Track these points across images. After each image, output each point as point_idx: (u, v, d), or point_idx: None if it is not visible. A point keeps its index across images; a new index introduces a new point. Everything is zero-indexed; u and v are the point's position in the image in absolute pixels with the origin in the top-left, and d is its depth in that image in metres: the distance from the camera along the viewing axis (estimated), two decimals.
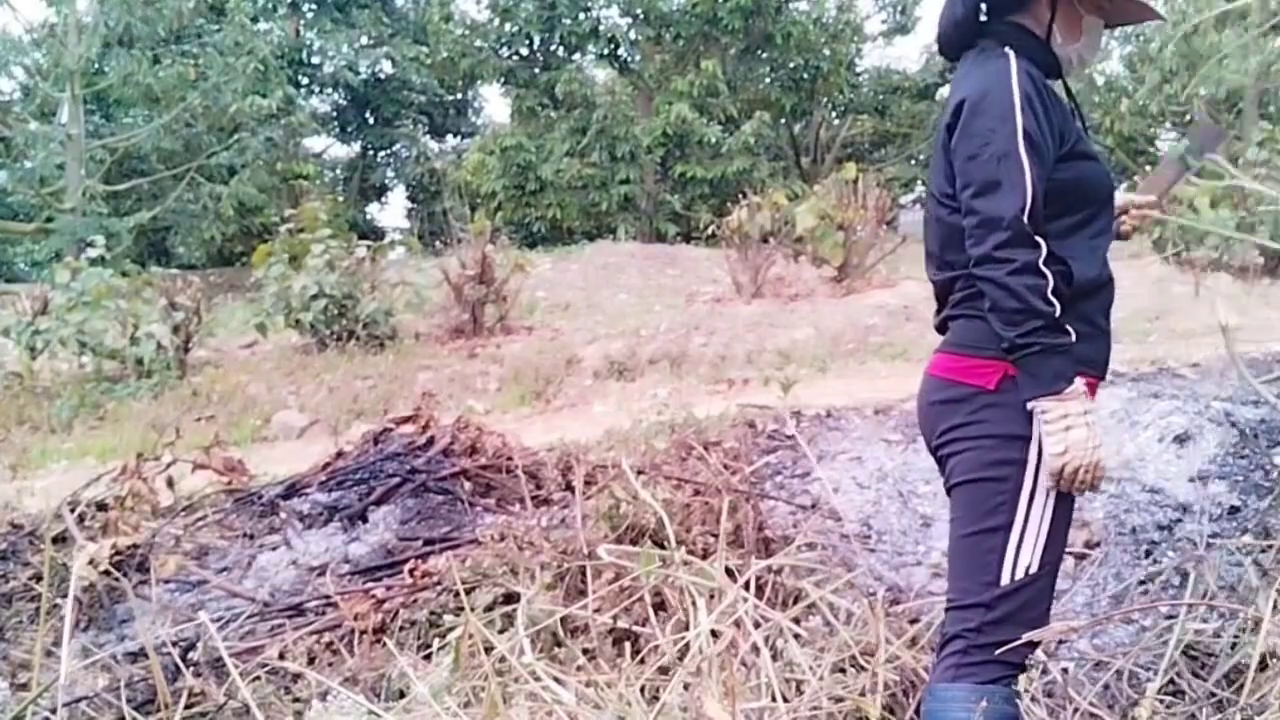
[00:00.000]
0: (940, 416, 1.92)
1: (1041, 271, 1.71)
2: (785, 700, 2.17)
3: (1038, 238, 1.72)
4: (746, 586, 2.61)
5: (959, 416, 1.88)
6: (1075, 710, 2.41)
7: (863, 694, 2.27)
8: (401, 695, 2.51)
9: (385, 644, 2.73)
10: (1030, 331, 1.71)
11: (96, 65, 19.21)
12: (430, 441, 4.34)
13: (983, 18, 1.93)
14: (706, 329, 9.34)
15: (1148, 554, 3.25)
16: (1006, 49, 1.83)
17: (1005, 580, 1.79)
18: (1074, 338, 1.74)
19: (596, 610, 2.59)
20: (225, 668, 2.45)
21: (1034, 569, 1.80)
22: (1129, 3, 1.92)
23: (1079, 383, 1.74)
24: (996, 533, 1.81)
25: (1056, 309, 1.71)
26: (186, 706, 2.45)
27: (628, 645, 2.43)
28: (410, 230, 23.95)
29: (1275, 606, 2.23)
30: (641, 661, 2.34)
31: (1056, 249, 1.75)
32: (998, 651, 1.79)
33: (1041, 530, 1.80)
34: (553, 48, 22.15)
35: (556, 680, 2.12)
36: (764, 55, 22.64)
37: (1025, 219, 1.71)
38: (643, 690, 2.18)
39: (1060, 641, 2.70)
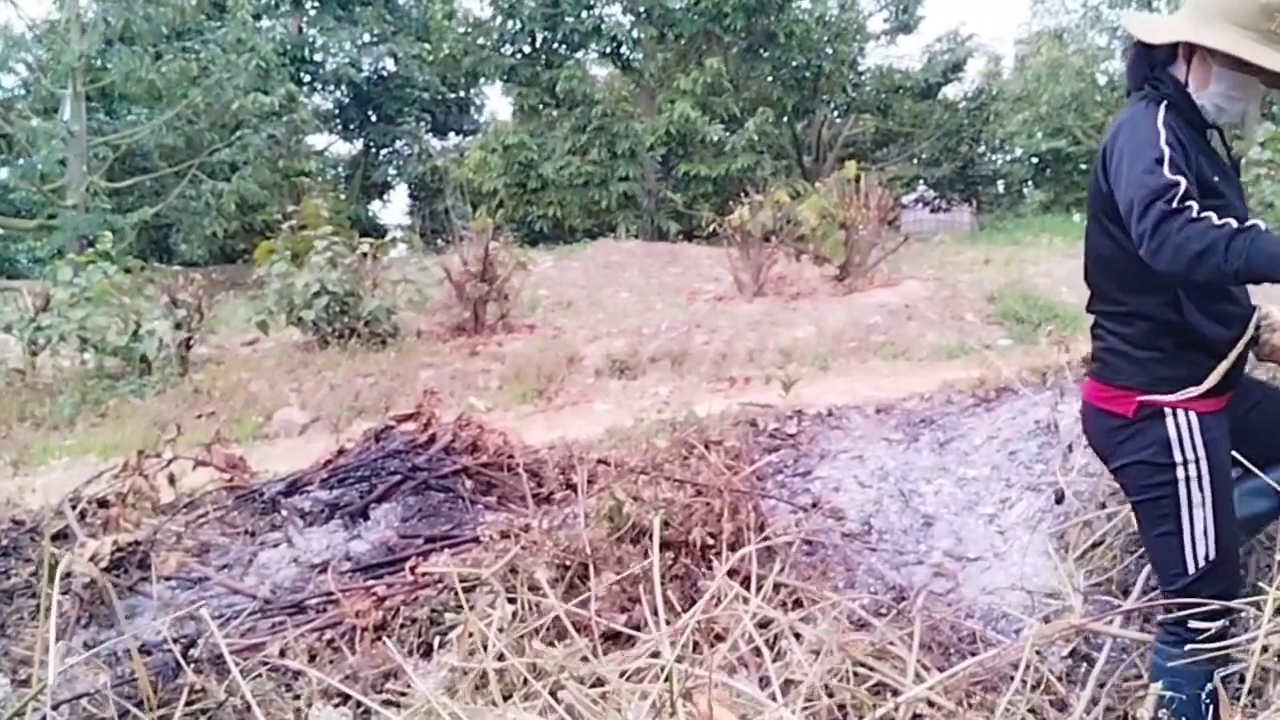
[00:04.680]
0: (1099, 439, 2.36)
1: (1200, 217, 1.91)
2: (784, 700, 2.17)
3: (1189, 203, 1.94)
4: (746, 585, 2.61)
5: (1113, 442, 2.29)
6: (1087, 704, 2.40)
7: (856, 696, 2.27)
8: (402, 694, 2.51)
9: (386, 642, 2.73)
10: (1228, 255, 1.88)
11: (98, 61, 19.17)
12: (432, 439, 4.34)
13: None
14: (708, 327, 9.33)
15: None
16: (1156, 103, 2.13)
17: (1191, 570, 2.19)
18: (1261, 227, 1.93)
19: (597, 613, 2.59)
20: (226, 665, 2.45)
21: (1212, 556, 2.18)
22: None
23: None
24: (1171, 536, 2.21)
25: (1228, 226, 1.90)
26: (187, 703, 2.46)
27: (627, 643, 2.43)
28: (412, 228, 23.91)
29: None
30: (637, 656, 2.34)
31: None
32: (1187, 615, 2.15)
33: (1209, 528, 2.18)
34: (555, 45, 22.12)
35: (555, 678, 2.12)
36: (766, 54, 22.60)
37: (1179, 192, 1.93)
38: (643, 696, 2.18)
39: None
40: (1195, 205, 1.92)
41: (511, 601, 2.70)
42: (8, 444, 7.02)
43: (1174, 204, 1.92)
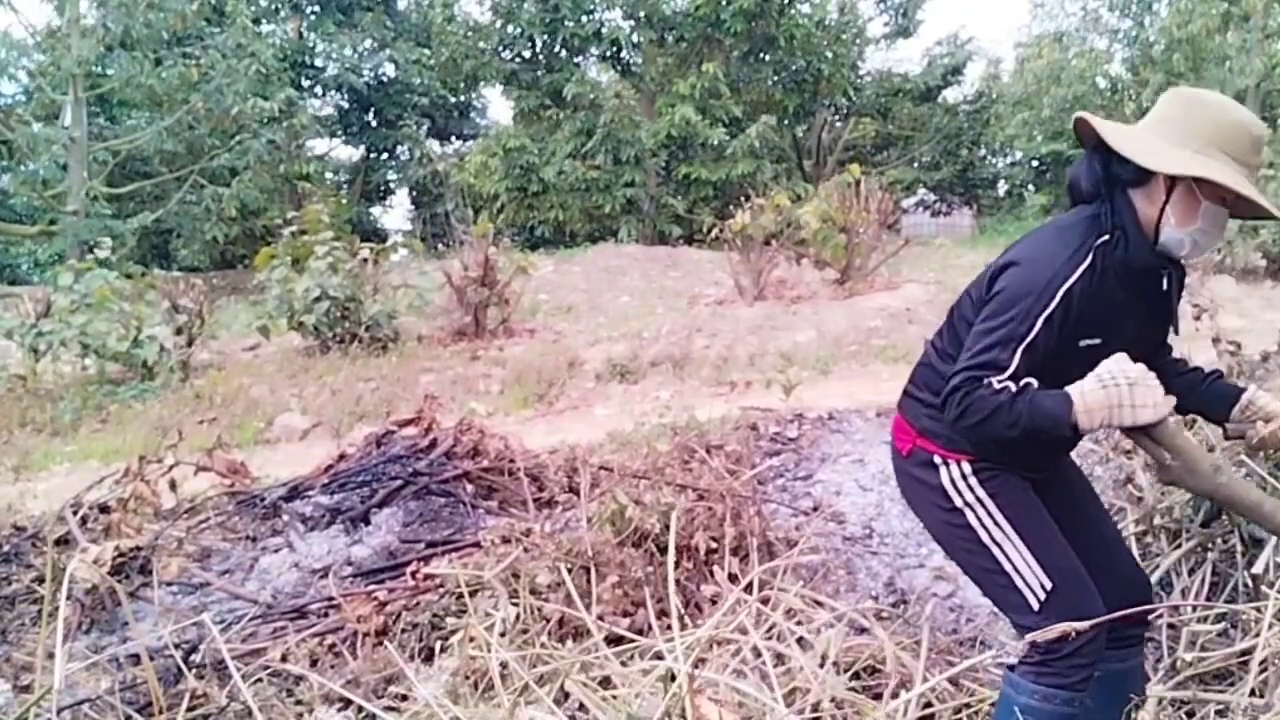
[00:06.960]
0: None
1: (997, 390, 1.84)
2: (787, 705, 2.17)
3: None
4: (749, 590, 2.61)
5: (902, 480, 2.16)
6: None
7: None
8: (403, 699, 2.51)
9: (387, 646, 2.73)
10: (1010, 421, 1.84)
11: (99, 67, 19.21)
12: (433, 444, 4.35)
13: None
14: (709, 331, 9.33)
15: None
16: (1089, 247, 1.89)
17: (1035, 605, 1.94)
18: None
19: (599, 617, 2.59)
20: (228, 670, 2.46)
21: (1048, 584, 1.94)
22: (1250, 202, 1.91)
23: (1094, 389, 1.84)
24: (996, 574, 1.99)
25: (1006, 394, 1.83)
26: (189, 709, 2.46)
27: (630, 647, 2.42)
28: (413, 232, 23.94)
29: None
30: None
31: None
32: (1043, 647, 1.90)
33: (1025, 556, 1.96)
34: (555, 50, 22.16)
35: (561, 679, 2.12)
36: (766, 57, 22.63)
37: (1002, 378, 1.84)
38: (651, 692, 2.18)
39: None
40: (1004, 383, 1.83)
41: (514, 605, 2.71)
42: (9, 450, 7.01)
43: (984, 381, 1.82)
